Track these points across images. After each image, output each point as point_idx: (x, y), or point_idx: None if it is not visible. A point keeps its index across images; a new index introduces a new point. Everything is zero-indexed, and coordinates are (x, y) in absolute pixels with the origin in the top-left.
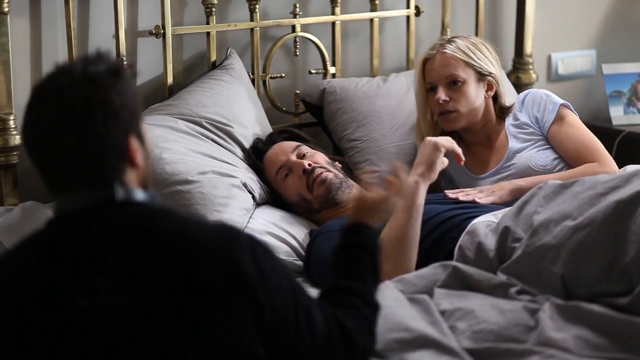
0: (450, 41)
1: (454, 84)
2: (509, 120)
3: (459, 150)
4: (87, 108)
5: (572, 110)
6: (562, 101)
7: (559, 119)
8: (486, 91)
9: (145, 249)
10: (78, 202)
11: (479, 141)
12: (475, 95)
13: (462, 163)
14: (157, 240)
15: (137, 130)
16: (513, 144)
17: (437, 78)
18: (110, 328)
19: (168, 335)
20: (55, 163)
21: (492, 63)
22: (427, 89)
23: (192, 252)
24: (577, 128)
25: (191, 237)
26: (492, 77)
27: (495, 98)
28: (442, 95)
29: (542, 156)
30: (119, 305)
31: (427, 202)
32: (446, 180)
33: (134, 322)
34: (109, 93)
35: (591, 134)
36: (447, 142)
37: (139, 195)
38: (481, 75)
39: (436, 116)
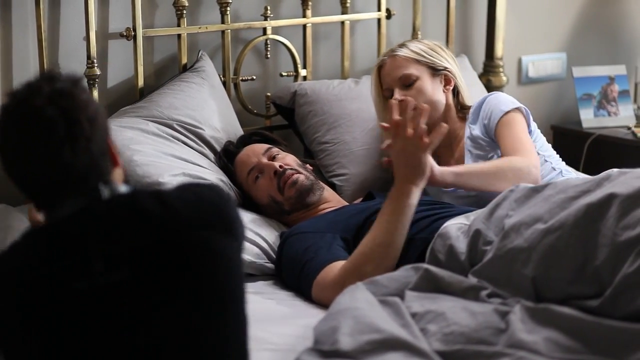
0: (401, 45)
1: (410, 85)
2: (467, 132)
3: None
4: (72, 120)
5: (523, 114)
6: (510, 107)
7: (501, 123)
8: (444, 86)
9: (132, 226)
10: (70, 208)
11: (442, 148)
12: (432, 89)
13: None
14: (141, 215)
15: (109, 132)
16: (468, 160)
17: (391, 81)
18: (107, 306)
19: (161, 304)
20: (46, 181)
21: (447, 60)
22: (387, 95)
23: (175, 217)
24: (513, 129)
25: (171, 204)
26: (448, 71)
27: (456, 94)
28: (397, 95)
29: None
30: (113, 284)
31: None
32: None
33: (128, 298)
34: (83, 101)
35: (525, 135)
36: (411, 139)
37: (123, 189)
38: (435, 71)
39: None
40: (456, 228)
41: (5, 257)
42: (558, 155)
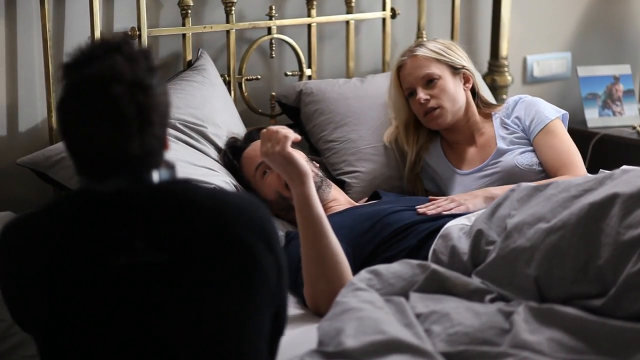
0: (419, 45)
1: (431, 82)
2: (497, 122)
3: (293, 134)
4: (146, 119)
5: (563, 121)
6: (554, 116)
7: (547, 130)
8: (464, 84)
9: (180, 213)
10: (117, 185)
11: (463, 140)
12: (455, 89)
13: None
14: (191, 205)
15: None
16: (501, 144)
17: (413, 81)
18: (146, 284)
19: (200, 290)
20: (106, 160)
21: (464, 58)
22: (406, 95)
23: (223, 213)
24: (559, 138)
25: (223, 201)
26: (466, 69)
27: (474, 92)
28: (422, 95)
29: (528, 156)
30: (153, 264)
31: (404, 209)
32: (428, 178)
33: (164, 280)
34: (158, 95)
35: (572, 146)
36: (273, 136)
37: (165, 174)
38: (455, 69)
39: (421, 118)
40: (458, 229)
41: (38, 216)
42: None
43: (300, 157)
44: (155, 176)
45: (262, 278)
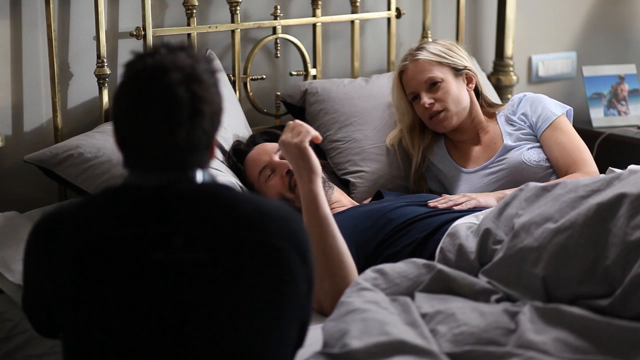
0: (419, 48)
1: (434, 86)
2: (501, 120)
3: (315, 132)
4: (197, 109)
5: (568, 117)
6: (560, 112)
7: (553, 127)
8: (467, 85)
9: (219, 215)
10: (158, 179)
11: (468, 139)
12: (458, 90)
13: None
14: (230, 208)
15: (220, 127)
16: (508, 141)
17: (416, 85)
18: (181, 282)
19: (232, 292)
20: (153, 149)
21: (465, 59)
22: (410, 99)
23: (263, 221)
24: (568, 135)
25: (263, 208)
26: (468, 69)
27: (477, 92)
28: (426, 99)
29: (535, 152)
30: (189, 262)
31: (407, 204)
32: (432, 177)
33: (203, 279)
34: (212, 93)
35: (581, 142)
36: (296, 129)
37: (208, 177)
38: (457, 71)
39: (426, 121)
40: (466, 227)
41: (79, 209)
42: None
43: (313, 154)
44: (199, 176)
45: (293, 288)
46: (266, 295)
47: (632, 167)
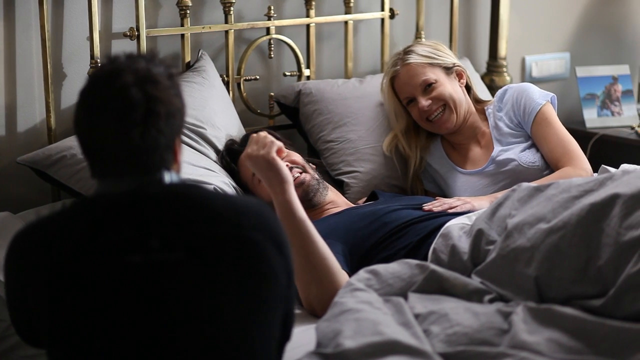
0: (407, 52)
1: (429, 87)
2: (491, 121)
3: (280, 143)
4: (151, 109)
5: (552, 104)
6: (543, 100)
7: (539, 119)
8: (458, 81)
9: (191, 214)
10: (127, 185)
11: (466, 140)
12: (453, 87)
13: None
14: (202, 206)
15: (181, 131)
16: (497, 146)
17: (412, 89)
18: (160, 282)
19: (212, 289)
20: (111, 152)
21: (452, 56)
22: (405, 103)
23: (236, 215)
24: (552, 127)
25: (234, 203)
26: (457, 65)
27: (469, 88)
28: (424, 102)
29: (530, 154)
30: (168, 263)
31: (402, 208)
32: (428, 177)
33: (182, 278)
34: (169, 95)
35: (566, 133)
36: (260, 141)
37: (176, 177)
38: (448, 69)
39: (424, 124)
40: (458, 228)
41: (52, 221)
42: None
43: (282, 164)
44: (167, 177)
45: (272, 279)
46: (246, 288)
47: (624, 166)
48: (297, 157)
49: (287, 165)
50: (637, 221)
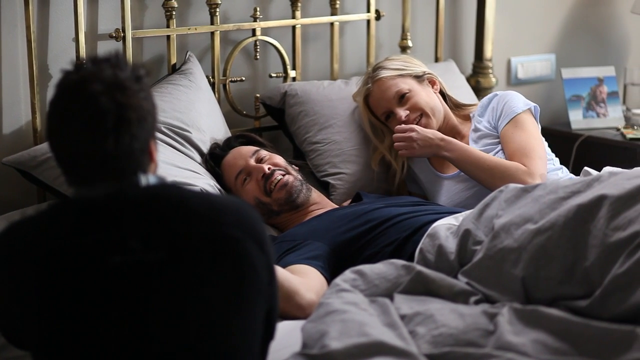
0: (376, 69)
1: (403, 98)
2: (472, 125)
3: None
4: (122, 116)
5: (533, 116)
6: (524, 108)
7: (513, 122)
8: (432, 88)
9: (171, 213)
10: (104, 189)
11: None
12: (427, 94)
13: None
14: (181, 205)
15: (154, 132)
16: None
17: (387, 104)
18: (141, 282)
19: (194, 287)
20: (85, 161)
21: (422, 65)
22: (383, 119)
23: (215, 213)
24: (526, 132)
25: (214, 202)
26: (428, 73)
27: (443, 96)
28: (401, 112)
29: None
30: (148, 263)
31: (386, 206)
32: (411, 180)
33: (163, 277)
34: (139, 99)
35: (537, 140)
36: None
37: (154, 179)
38: (419, 77)
39: None
40: (445, 228)
41: (29, 222)
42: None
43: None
44: (144, 180)
45: (253, 277)
46: (228, 285)
47: (608, 168)
48: (280, 159)
49: (269, 168)
50: (623, 222)
